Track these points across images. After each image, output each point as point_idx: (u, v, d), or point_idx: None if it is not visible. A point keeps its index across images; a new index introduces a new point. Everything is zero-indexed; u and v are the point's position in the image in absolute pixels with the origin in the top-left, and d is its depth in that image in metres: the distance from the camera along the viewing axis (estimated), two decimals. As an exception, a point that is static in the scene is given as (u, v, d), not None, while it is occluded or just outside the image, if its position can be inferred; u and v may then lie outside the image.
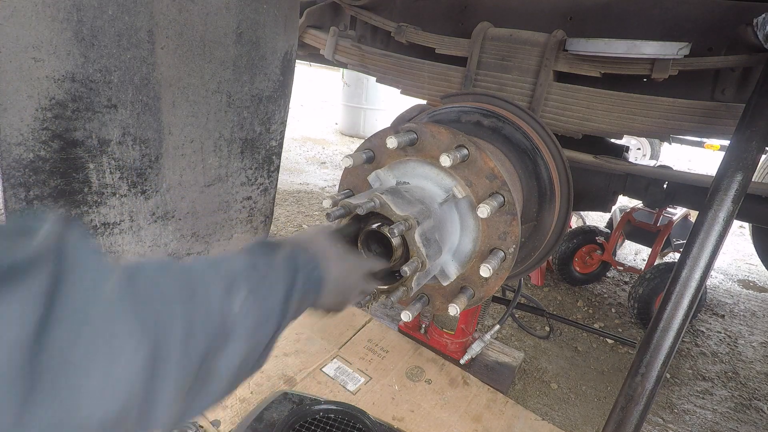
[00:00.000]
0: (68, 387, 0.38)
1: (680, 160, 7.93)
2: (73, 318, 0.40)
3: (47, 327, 0.38)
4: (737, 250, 4.28)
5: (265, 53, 1.48)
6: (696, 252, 1.02)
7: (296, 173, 5.12)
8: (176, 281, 0.54)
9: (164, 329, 0.48)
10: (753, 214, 1.72)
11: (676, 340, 0.99)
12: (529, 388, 2.16)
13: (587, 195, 1.81)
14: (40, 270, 0.38)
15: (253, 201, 1.68)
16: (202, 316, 0.53)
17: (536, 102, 1.63)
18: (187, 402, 0.52)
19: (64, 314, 0.39)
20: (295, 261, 0.73)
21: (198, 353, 0.52)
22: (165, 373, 0.47)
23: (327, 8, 2.14)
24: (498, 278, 1.05)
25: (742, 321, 3.03)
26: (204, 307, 0.54)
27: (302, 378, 1.75)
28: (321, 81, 12.44)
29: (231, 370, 0.57)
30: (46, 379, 0.37)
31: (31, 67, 1.07)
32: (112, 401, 0.41)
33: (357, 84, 6.96)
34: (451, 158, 0.94)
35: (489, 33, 1.67)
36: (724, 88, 1.46)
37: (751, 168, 1.04)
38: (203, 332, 0.53)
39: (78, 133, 1.19)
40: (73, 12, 1.07)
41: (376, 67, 1.98)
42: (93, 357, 0.40)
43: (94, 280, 0.43)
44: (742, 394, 2.32)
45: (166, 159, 1.39)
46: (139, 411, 0.44)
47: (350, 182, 1.18)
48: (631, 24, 1.53)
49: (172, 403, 0.48)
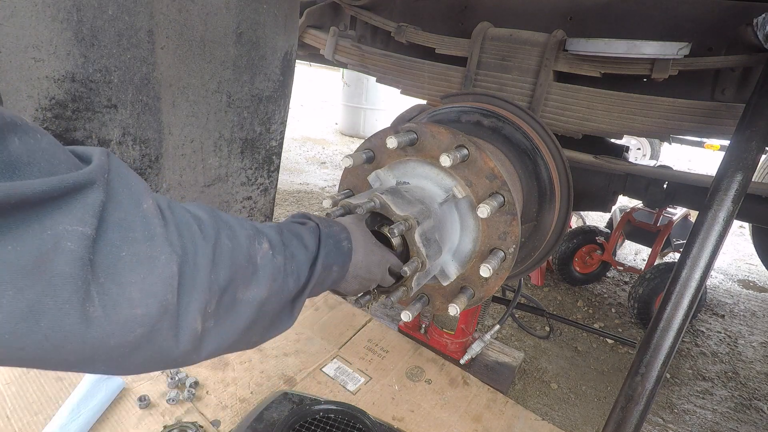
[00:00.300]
0: (118, 284, 0.45)
1: (680, 160, 7.93)
2: (120, 226, 0.47)
3: (101, 232, 0.45)
4: (737, 250, 4.28)
5: (265, 53, 1.48)
6: (696, 252, 1.02)
7: (296, 173, 5.12)
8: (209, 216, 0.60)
9: (193, 250, 0.54)
10: (753, 214, 1.72)
11: (676, 340, 0.99)
12: (529, 388, 2.16)
13: (587, 195, 1.81)
14: (96, 187, 0.45)
15: (253, 201, 1.68)
16: (228, 247, 0.59)
17: (536, 102, 1.63)
18: (212, 325, 0.57)
19: (113, 223, 0.46)
20: (329, 228, 0.79)
21: (224, 277, 0.57)
22: (192, 287, 0.53)
23: (327, 8, 2.13)
24: (498, 278, 1.05)
25: (742, 321, 3.03)
26: (231, 241, 0.60)
27: (302, 378, 1.75)
28: (321, 81, 12.45)
29: (253, 306, 0.62)
30: (100, 276, 0.44)
31: (31, 67, 1.07)
32: (151, 301, 0.48)
33: (357, 84, 6.96)
34: (451, 158, 0.94)
35: (489, 33, 1.67)
36: (724, 88, 1.46)
37: (751, 168, 1.04)
38: (230, 260, 0.58)
39: (78, 133, 1.19)
40: (73, 12, 1.07)
41: (376, 67, 1.98)
42: (136, 261, 0.47)
43: (136, 198, 0.49)
44: (742, 394, 2.32)
45: (166, 159, 1.39)
46: (171, 319, 0.50)
47: (350, 182, 1.18)
48: (631, 24, 1.53)
49: (197, 317, 0.54)
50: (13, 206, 0.38)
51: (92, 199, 0.44)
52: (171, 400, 1.54)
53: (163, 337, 0.50)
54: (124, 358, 0.48)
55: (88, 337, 0.43)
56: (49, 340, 0.41)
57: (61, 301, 0.41)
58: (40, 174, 0.41)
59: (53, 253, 0.40)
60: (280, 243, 0.68)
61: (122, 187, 0.49)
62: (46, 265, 0.40)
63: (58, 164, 0.44)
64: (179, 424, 1.47)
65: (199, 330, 0.55)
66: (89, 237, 0.43)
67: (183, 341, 0.52)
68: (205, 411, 1.54)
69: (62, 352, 0.43)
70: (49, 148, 0.44)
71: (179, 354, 0.53)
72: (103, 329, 0.44)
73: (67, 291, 0.41)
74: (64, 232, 0.41)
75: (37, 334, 0.40)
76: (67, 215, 0.42)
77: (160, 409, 1.53)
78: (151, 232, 0.49)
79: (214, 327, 0.57)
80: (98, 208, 0.44)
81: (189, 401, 1.57)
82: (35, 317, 0.40)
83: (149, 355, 0.50)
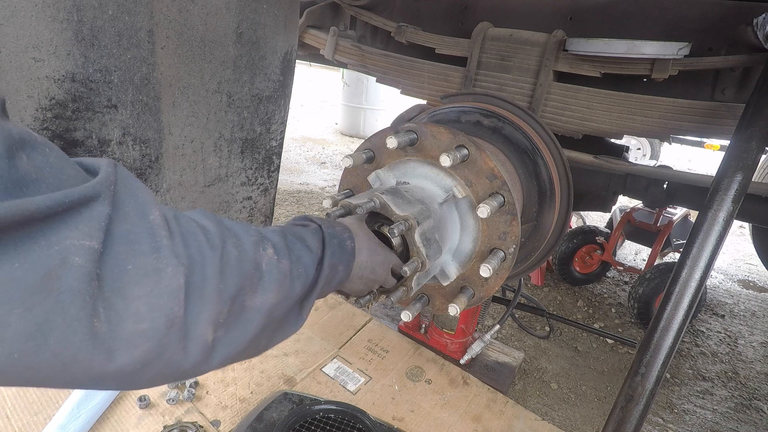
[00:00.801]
0: (124, 298, 0.45)
1: (680, 160, 7.93)
2: (126, 239, 0.46)
3: (107, 246, 0.44)
4: (737, 250, 4.28)
5: (265, 53, 1.48)
6: (696, 252, 1.02)
7: (296, 173, 5.12)
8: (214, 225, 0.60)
9: (201, 261, 0.54)
10: (753, 214, 1.72)
11: (676, 340, 0.99)
12: (529, 388, 2.16)
13: (587, 195, 1.81)
14: (101, 200, 0.45)
15: (253, 201, 1.68)
16: (235, 255, 0.59)
17: (536, 102, 1.63)
18: (223, 334, 0.57)
19: (119, 236, 0.46)
20: (331, 229, 0.79)
21: (232, 286, 0.57)
22: (201, 297, 0.53)
23: (327, 8, 2.13)
24: (498, 278, 1.05)
25: (742, 321, 3.03)
26: (237, 249, 0.60)
27: (302, 378, 1.75)
28: (321, 81, 12.45)
29: (262, 313, 0.62)
30: (106, 291, 0.43)
31: (31, 67, 1.07)
32: (157, 315, 0.47)
33: (357, 84, 6.96)
34: (451, 158, 0.94)
35: (489, 33, 1.67)
36: (724, 88, 1.46)
37: (751, 168, 1.04)
38: (237, 269, 0.58)
39: (78, 133, 1.19)
40: (73, 12, 1.07)
41: (376, 67, 1.98)
42: (142, 274, 0.46)
43: (143, 210, 0.49)
44: (742, 394, 2.32)
45: (166, 159, 1.39)
46: (178, 332, 0.50)
47: (350, 182, 1.18)
48: (631, 24, 1.53)
49: (208, 328, 0.53)
50: (18, 223, 0.38)
51: (98, 213, 0.44)
52: (171, 400, 1.54)
53: (172, 350, 0.49)
54: (134, 375, 0.47)
55: (96, 353, 0.43)
56: (58, 358, 0.41)
57: (70, 318, 0.40)
58: (48, 190, 0.41)
59: (61, 269, 0.40)
60: (285, 247, 0.68)
61: (129, 199, 0.48)
62: (54, 281, 0.39)
63: (66, 179, 0.43)
64: (179, 424, 1.47)
65: (210, 340, 0.54)
66: (96, 251, 0.43)
67: (193, 353, 0.52)
68: (205, 411, 1.55)
69: (71, 370, 0.42)
70: (57, 163, 0.43)
71: (189, 366, 0.52)
72: (109, 345, 0.44)
73: (75, 307, 0.40)
74: (71, 246, 0.41)
75: (45, 353, 0.40)
76: (74, 230, 0.41)
77: (160, 409, 1.53)
78: (158, 244, 0.49)
79: (224, 336, 0.57)
80: (104, 222, 0.44)
81: (189, 401, 1.57)
82: (44, 335, 0.39)
83: (159, 370, 0.50)
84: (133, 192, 0.49)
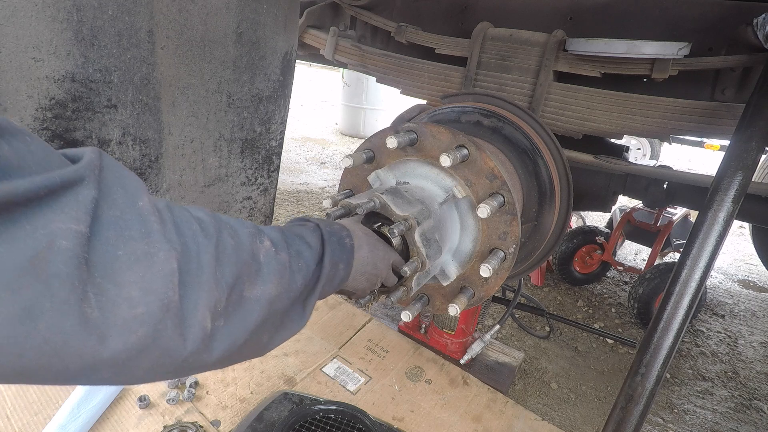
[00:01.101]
0: (116, 283, 0.44)
1: (680, 160, 7.93)
2: (116, 224, 0.46)
3: (96, 231, 0.44)
4: (737, 250, 4.28)
5: (265, 53, 1.48)
6: (696, 252, 1.02)
7: (296, 173, 5.12)
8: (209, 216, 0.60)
9: (195, 247, 0.53)
10: (753, 214, 1.72)
11: (676, 340, 0.99)
12: (529, 388, 2.16)
13: (587, 195, 1.81)
14: (86, 183, 0.44)
15: (253, 201, 1.68)
16: (231, 244, 0.59)
17: (536, 102, 1.63)
18: (222, 323, 0.56)
19: (108, 221, 0.45)
20: (330, 227, 0.79)
21: (229, 274, 0.57)
22: (197, 284, 0.52)
23: (327, 8, 2.13)
24: (498, 278, 1.05)
25: (742, 321, 3.03)
26: (233, 238, 0.60)
27: (302, 378, 1.75)
28: (321, 81, 12.45)
29: (262, 304, 0.61)
30: (96, 276, 0.43)
31: (31, 67, 1.07)
32: (151, 299, 0.46)
33: (357, 84, 6.96)
34: (451, 158, 0.94)
35: (489, 33, 1.67)
36: (724, 88, 1.46)
37: (751, 168, 1.04)
38: (234, 257, 0.58)
39: (78, 133, 1.19)
40: (73, 12, 1.07)
41: (376, 67, 1.98)
42: (133, 259, 0.46)
43: (131, 196, 0.49)
44: (742, 394, 2.32)
45: (166, 159, 1.39)
46: (174, 317, 0.49)
47: (350, 182, 1.18)
48: (631, 24, 1.53)
49: (206, 315, 0.53)
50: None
51: (83, 196, 0.43)
52: (171, 400, 1.54)
53: (168, 336, 0.49)
54: (129, 363, 0.46)
55: (88, 339, 0.42)
56: (49, 344, 0.40)
57: (59, 302, 0.40)
58: (30, 176, 0.40)
59: (48, 252, 0.39)
60: (283, 241, 0.68)
61: (116, 186, 0.48)
62: (41, 264, 0.39)
63: (49, 166, 0.43)
64: (179, 424, 1.47)
65: (209, 328, 0.53)
66: (84, 235, 0.42)
67: (191, 340, 0.51)
68: (205, 411, 1.55)
69: (63, 358, 0.42)
70: (39, 151, 0.43)
71: (188, 354, 0.51)
72: (102, 331, 0.43)
73: (64, 291, 0.40)
74: (57, 230, 0.40)
75: (35, 338, 0.39)
76: (59, 213, 0.41)
77: (160, 409, 1.53)
78: (148, 229, 0.48)
79: (223, 326, 0.56)
80: (91, 206, 0.43)
81: (189, 401, 1.57)
82: (33, 320, 0.39)
83: (156, 358, 0.49)
84: (121, 179, 0.49)
